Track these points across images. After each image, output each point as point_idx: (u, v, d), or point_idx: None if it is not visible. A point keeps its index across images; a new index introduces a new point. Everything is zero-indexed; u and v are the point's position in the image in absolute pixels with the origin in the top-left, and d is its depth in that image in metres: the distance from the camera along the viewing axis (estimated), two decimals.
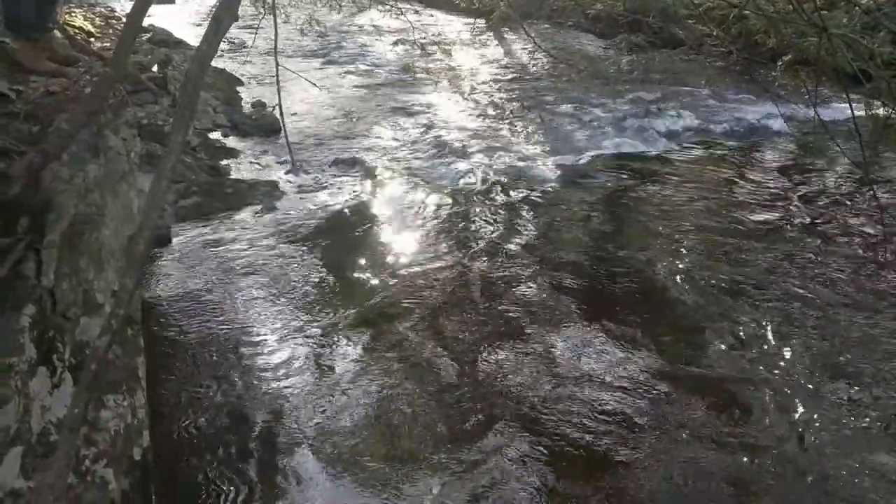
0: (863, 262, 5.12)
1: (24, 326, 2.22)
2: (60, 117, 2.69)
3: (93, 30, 7.42)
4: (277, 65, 2.83)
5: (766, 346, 4.10)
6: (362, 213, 5.65)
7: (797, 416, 3.54)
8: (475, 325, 4.21)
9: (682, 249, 5.23)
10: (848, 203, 6.27)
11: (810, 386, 3.76)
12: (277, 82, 3.00)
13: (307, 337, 4.00)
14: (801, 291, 4.67)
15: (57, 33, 3.61)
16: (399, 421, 3.39)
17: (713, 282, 4.76)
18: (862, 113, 4.91)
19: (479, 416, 3.44)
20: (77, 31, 5.53)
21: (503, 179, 6.55)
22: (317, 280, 4.59)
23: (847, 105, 3.36)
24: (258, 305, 4.30)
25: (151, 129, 6.00)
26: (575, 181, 6.72)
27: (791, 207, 6.15)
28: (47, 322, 2.35)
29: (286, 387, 3.58)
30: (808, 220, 5.87)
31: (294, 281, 4.57)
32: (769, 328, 4.25)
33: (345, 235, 5.26)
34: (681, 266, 4.97)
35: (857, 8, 4.10)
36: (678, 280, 4.77)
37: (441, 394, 3.60)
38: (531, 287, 4.64)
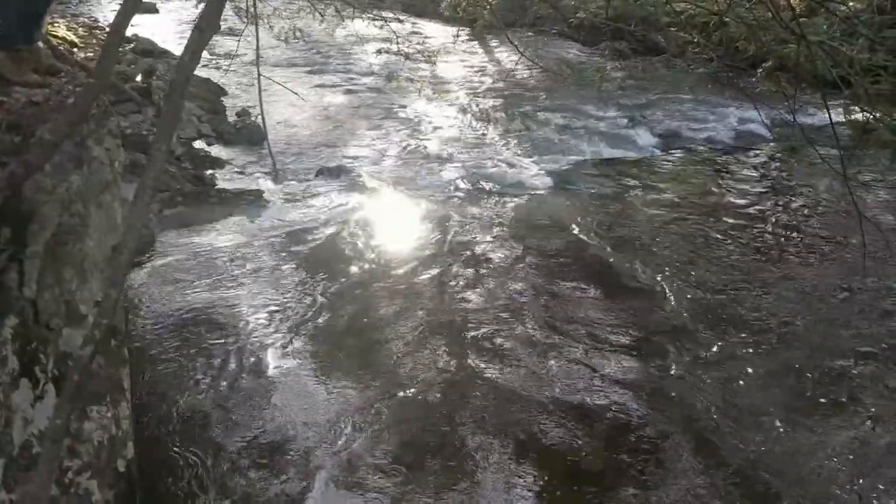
0: (843, 267, 5.18)
1: (6, 338, 2.21)
2: (44, 128, 2.68)
3: (76, 40, 7.39)
4: (259, 75, 2.84)
5: (743, 352, 4.13)
6: (347, 222, 5.65)
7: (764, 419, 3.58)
8: (460, 334, 4.22)
9: (664, 252, 5.28)
10: (828, 208, 6.34)
11: (786, 395, 3.80)
12: (259, 92, 3.01)
13: (291, 348, 3.99)
14: (781, 297, 4.71)
15: (40, 44, 3.59)
16: (388, 434, 3.39)
17: (696, 286, 4.80)
18: (842, 119, 4.97)
19: (463, 425, 3.45)
20: (60, 41, 5.51)
21: (487, 186, 6.57)
22: (302, 290, 4.58)
23: (828, 110, 3.41)
24: (242, 316, 4.28)
25: (135, 138, 5.97)
26: (559, 187, 6.76)
27: (772, 211, 6.21)
28: (30, 333, 2.34)
29: (270, 397, 3.57)
30: (788, 223, 5.94)
31: (279, 291, 4.56)
32: (746, 335, 4.28)
33: (330, 245, 5.26)
34: (663, 270, 5.01)
35: (835, 15, 4.16)
36: (661, 284, 4.81)
37: (425, 405, 3.60)
38: (517, 295, 4.65)
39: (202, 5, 6.02)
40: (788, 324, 4.41)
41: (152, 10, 13.02)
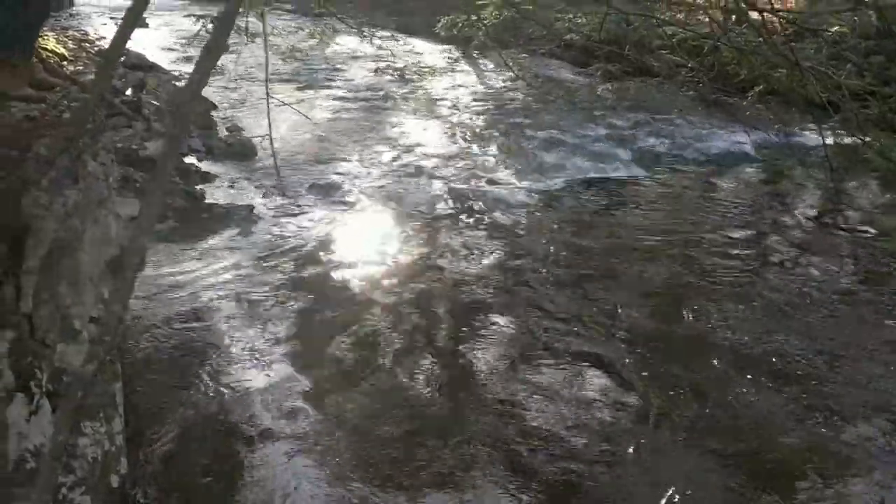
0: (831, 289, 5.23)
1: (2, 352, 2.21)
2: (40, 143, 2.68)
3: (66, 53, 7.38)
4: (268, 94, 2.85)
5: (726, 377, 4.16)
6: (338, 238, 5.66)
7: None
8: (448, 352, 4.24)
9: (646, 273, 5.32)
10: (816, 229, 6.42)
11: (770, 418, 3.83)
12: (268, 110, 3.02)
13: (281, 362, 4.00)
14: (766, 321, 4.75)
15: (34, 60, 3.60)
16: (381, 448, 3.39)
17: (679, 306, 4.84)
18: (830, 141, 5.05)
19: (456, 441, 3.45)
20: (50, 54, 5.50)
21: (476, 204, 6.61)
22: (293, 305, 4.58)
23: (815, 133, 3.47)
24: (232, 331, 4.28)
25: (126, 153, 5.96)
26: (547, 204, 6.81)
27: (759, 232, 6.27)
28: (25, 348, 2.33)
29: (261, 411, 3.56)
30: (775, 244, 6.00)
31: (269, 305, 4.56)
32: (731, 361, 4.31)
33: (321, 260, 5.27)
34: (647, 290, 5.06)
35: (822, 40, 4.24)
36: (643, 303, 4.85)
37: (418, 421, 3.61)
38: (503, 313, 4.67)
39: (199, 22, 6.02)
40: (770, 348, 4.45)
41: (142, 24, 13.03)
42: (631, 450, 3.48)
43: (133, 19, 2.40)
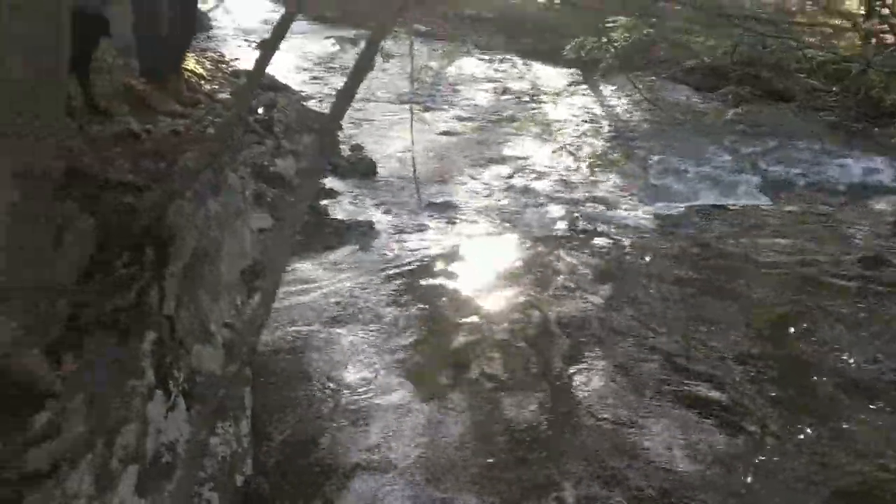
0: None
1: (145, 351, 2.35)
2: (186, 156, 2.87)
3: (204, 73, 7.84)
4: (412, 113, 2.93)
5: (839, 402, 3.90)
6: (453, 256, 5.71)
7: None
8: (556, 370, 4.18)
9: (762, 298, 5.06)
10: None
11: None
12: (412, 130, 3.10)
13: (393, 369, 4.07)
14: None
15: (182, 76, 3.87)
16: (485, 459, 3.38)
17: (795, 332, 4.59)
18: None
19: (558, 458, 3.40)
20: (190, 73, 5.87)
21: (593, 227, 6.53)
22: (407, 319, 4.66)
23: None
24: (348, 338, 4.40)
25: (257, 169, 6.26)
26: (668, 231, 6.63)
27: (882, 261, 5.83)
28: (165, 349, 2.48)
29: (372, 417, 3.63)
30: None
31: (386, 319, 4.66)
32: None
33: (435, 276, 5.33)
34: (763, 316, 4.82)
35: None
36: (759, 328, 4.63)
37: (519, 445, 3.57)
38: (614, 336, 4.57)
39: (338, 44, 6.21)
40: None
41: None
42: (742, 475, 3.33)
43: (273, 45, 2.54)
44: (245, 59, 11.41)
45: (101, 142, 2.82)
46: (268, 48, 2.64)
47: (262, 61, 2.60)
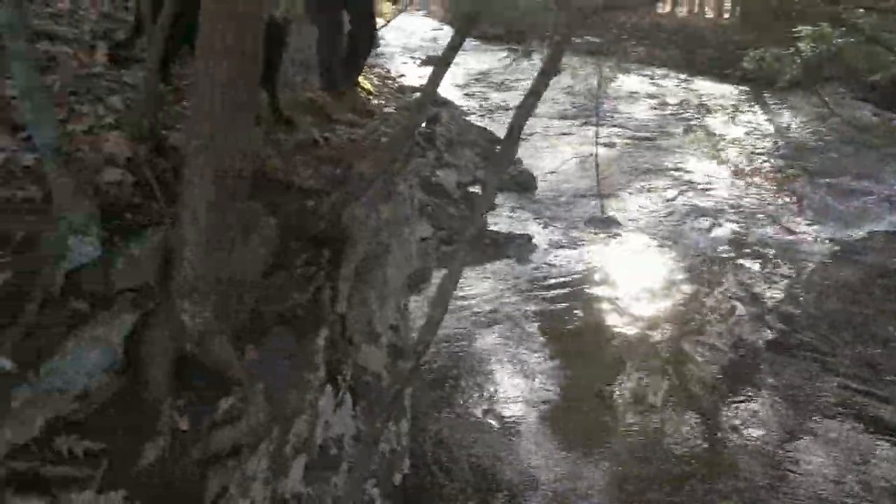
0: None
1: (319, 347, 2.47)
2: (361, 163, 2.99)
3: (371, 88, 8.15)
4: (597, 127, 2.92)
5: None
6: (610, 273, 5.62)
7: None
8: (717, 396, 4.01)
9: None
10: None
11: None
12: (595, 145, 3.09)
13: (542, 378, 4.08)
14: None
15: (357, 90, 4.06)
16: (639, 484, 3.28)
17: None
18: None
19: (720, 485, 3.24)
20: (360, 88, 6.12)
21: (762, 251, 6.19)
22: (560, 333, 4.65)
23: None
24: (501, 346, 4.49)
25: (419, 180, 6.43)
26: (846, 257, 6.17)
27: None
28: (337, 345, 2.59)
29: (525, 432, 3.62)
30: None
31: (537, 331, 4.67)
32: None
33: (591, 293, 5.26)
34: None
35: None
36: None
37: (681, 465, 3.44)
38: (780, 364, 4.31)
39: (510, 56, 6.26)
40: None
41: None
42: None
43: (446, 62, 2.61)
44: (410, 75, 11.80)
45: (285, 149, 3.00)
46: (441, 65, 2.72)
47: (436, 78, 2.68)
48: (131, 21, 3.74)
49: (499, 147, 2.47)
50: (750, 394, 4.05)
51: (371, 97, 7.23)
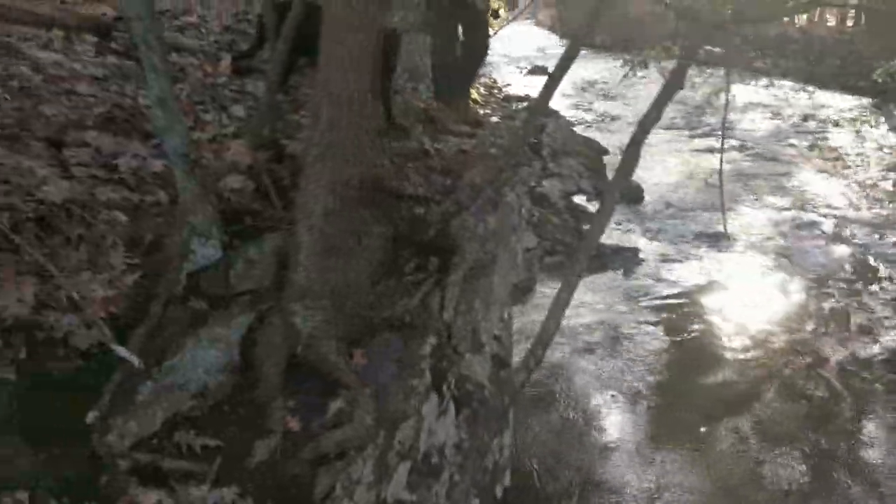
0: None
1: (426, 353, 2.49)
2: (471, 173, 3.01)
3: (478, 98, 8.19)
4: (723, 140, 2.85)
5: None
6: (720, 290, 5.42)
7: None
8: (824, 432, 3.80)
9: None
10: None
11: None
12: (721, 160, 3.01)
13: (642, 395, 4.02)
14: None
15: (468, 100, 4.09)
16: None
17: None
18: None
19: None
20: (470, 98, 6.16)
21: (885, 272, 5.82)
22: (661, 348, 4.54)
23: None
24: (602, 358, 4.42)
25: (526, 189, 6.41)
26: None
27: None
28: (442, 353, 2.60)
29: (620, 460, 3.54)
30: None
31: (641, 348, 4.56)
32: None
33: (699, 309, 5.10)
34: None
35: None
36: None
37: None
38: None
39: (627, 65, 6.17)
40: None
41: (545, 72, 14.01)
42: None
43: (560, 75, 2.59)
44: (516, 84, 11.80)
45: (397, 157, 3.06)
46: (555, 77, 2.71)
47: (549, 89, 2.67)
48: (254, 33, 3.90)
49: (620, 159, 2.43)
50: (871, 429, 3.82)
51: (478, 106, 7.28)
